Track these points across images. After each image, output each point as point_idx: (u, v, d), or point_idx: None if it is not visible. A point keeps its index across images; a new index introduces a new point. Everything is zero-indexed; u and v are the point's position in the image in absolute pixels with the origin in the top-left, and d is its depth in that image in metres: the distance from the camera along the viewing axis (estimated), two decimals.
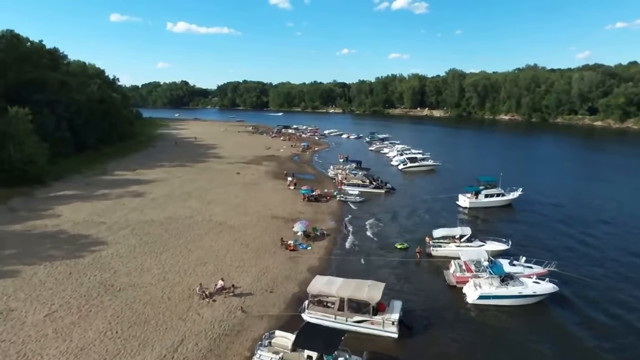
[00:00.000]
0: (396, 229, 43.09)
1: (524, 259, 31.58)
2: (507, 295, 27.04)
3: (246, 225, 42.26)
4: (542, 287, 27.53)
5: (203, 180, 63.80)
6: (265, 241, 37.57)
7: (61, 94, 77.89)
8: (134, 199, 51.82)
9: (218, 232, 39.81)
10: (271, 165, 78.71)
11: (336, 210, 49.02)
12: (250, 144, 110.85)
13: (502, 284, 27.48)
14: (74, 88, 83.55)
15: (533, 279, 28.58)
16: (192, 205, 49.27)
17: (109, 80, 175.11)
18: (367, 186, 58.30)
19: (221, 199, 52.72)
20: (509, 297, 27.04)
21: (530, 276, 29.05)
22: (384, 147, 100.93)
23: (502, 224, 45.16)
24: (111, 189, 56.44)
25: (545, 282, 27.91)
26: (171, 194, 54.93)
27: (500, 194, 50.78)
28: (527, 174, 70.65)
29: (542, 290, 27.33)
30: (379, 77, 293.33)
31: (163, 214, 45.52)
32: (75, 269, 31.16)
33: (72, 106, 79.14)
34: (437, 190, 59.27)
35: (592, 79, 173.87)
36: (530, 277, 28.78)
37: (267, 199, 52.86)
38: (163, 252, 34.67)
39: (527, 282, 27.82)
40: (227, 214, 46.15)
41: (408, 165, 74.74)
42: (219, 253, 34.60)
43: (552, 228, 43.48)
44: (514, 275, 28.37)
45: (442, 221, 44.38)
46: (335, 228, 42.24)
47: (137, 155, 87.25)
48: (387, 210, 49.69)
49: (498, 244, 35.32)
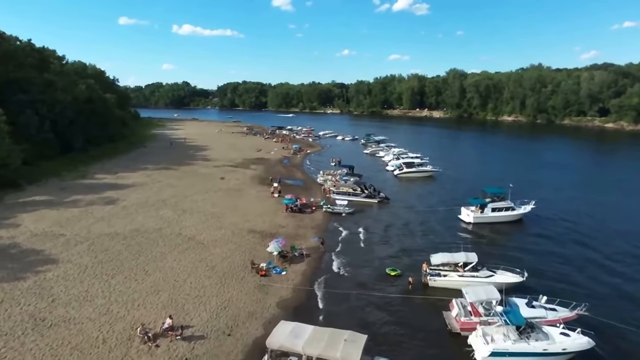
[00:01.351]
0: (388, 249, 38.35)
1: (545, 299, 25.46)
2: (528, 352, 21.13)
3: (217, 241, 37.91)
4: (574, 341, 21.54)
5: (184, 185, 59.59)
6: (234, 263, 33.18)
7: (45, 94, 74.11)
8: (105, 206, 47.64)
9: (184, 250, 35.46)
10: (259, 169, 74.36)
11: (321, 224, 44.60)
12: (241, 145, 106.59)
13: (521, 336, 21.53)
14: (60, 88, 79.45)
15: (560, 327, 22.60)
16: (164, 215, 45.00)
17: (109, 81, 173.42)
18: (358, 195, 53.83)
19: (198, 207, 48.44)
20: (531, 354, 21.10)
21: (556, 323, 23.14)
22: (379, 150, 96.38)
23: (513, 246, 39.69)
24: (85, 195, 52.36)
25: (576, 334, 21.94)
26: (146, 201, 50.71)
27: (509, 208, 45.26)
28: (538, 183, 65.45)
29: (574, 346, 21.45)
30: (378, 77, 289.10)
31: (130, 226, 41.26)
32: (9, 295, 26.95)
33: (57, 106, 75.13)
34: (437, 201, 54.77)
35: (603, 78, 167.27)
36: (556, 325, 22.88)
37: (248, 209, 48.51)
38: (116, 275, 30.36)
39: (553, 334, 21.82)
40: (199, 226, 41.84)
41: (404, 170, 70.09)
42: (178, 278, 30.24)
43: (574, 252, 37.65)
44: (535, 324, 22.41)
45: (441, 239, 40.25)
46: (317, 247, 37.66)
47: (123, 157, 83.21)
48: (379, 225, 45.21)
49: (511, 274, 29.50)
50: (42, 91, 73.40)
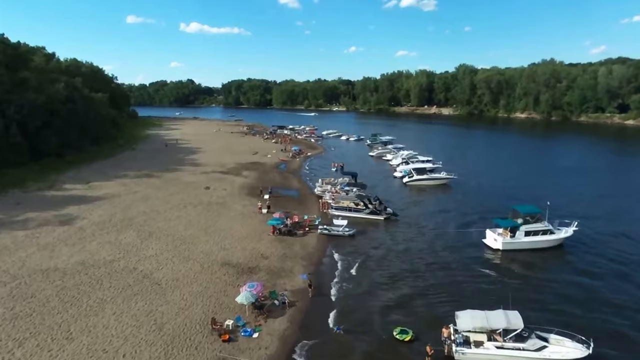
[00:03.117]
0: (396, 291, 29.47)
1: None
2: None
3: (179, 280, 29.73)
4: None
5: (161, 197, 51.66)
6: (192, 318, 24.89)
7: (14, 94, 66.68)
8: (57, 228, 39.84)
9: (132, 296, 27.32)
10: (251, 176, 66.06)
11: (313, 252, 36.08)
12: (237, 147, 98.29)
13: None
14: (32, 87, 71.93)
15: None
16: (124, 241, 37.03)
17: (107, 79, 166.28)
18: (360, 211, 45.25)
19: (168, 229, 40.41)
20: None
21: None
22: (386, 152, 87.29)
23: (556, 287, 29.90)
24: (41, 211, 44.62)
25: None
26: (110, 219, 42.83)
27: (547, 231, 36.24)
28: (572, 193, 55.68)
29: None
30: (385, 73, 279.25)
31: (77, 257, 33.37)
32: None
33: (26, 107, 67.61)
34: (454, 218, 45.89)
35: (622, 73, 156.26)
36: None
37: (227, 230, 40.29)
38: (27, 340, 22.36)
39: None
40: (163, 256, 33.75)
41: (415, 178, 61.01)
42: (109, 346, 22.07)
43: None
44: None
45: (463, 275, 31.87)
46: (304, 289, 28.99)
47: (104, 163, 75.58)
48: (384, 253, 36.56)
49: (571, 345, 21.10)
50: (9, 90, 66.01)
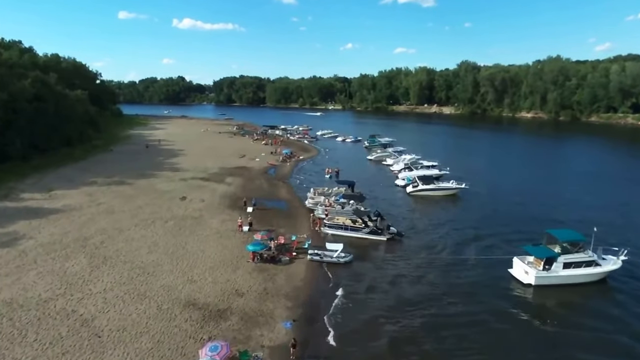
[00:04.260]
0: (401, 350, 22.68)
1: None
2: None
3: (126, 330, 22.96)
4: None
5: (127, 211, 44.68)
6: None
7: None
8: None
9: (58, 356, 20.43)
10: (235, 183, 59.08)
11: (301, 286, 29.29)
12: (224, 149, 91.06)
13: None
14: None
15: None
16: (70, 269, 30.19)
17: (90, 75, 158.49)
18: (358, 230, 38.48)
19: (127, 252, 33.56)
20: None
21: None
22: (386, 155, 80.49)
23: (613, 341, 23.19)
24: None
25: None
26: (61, 239, 35.91)
27: (590, 263, 29.53)
28: (614, 209, 47.33)
29: None
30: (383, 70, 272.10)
31: (5, 293, 26.70)
32: None
33: None
34: (470, 240, 38.50)
35: (636, 70, 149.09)
36: None
37: (198, 255, 33.45)
38: None
39: None
40: (111, 293, 26.92)
41: (420, 188, 54.04)
42: None
43: None
44: None
45: (486, 322, 25.08)
46: (287, 347, 22.18)
47: (74, 167, 68.31)
48: (387, 288, 29.70)
49: None
50: None
